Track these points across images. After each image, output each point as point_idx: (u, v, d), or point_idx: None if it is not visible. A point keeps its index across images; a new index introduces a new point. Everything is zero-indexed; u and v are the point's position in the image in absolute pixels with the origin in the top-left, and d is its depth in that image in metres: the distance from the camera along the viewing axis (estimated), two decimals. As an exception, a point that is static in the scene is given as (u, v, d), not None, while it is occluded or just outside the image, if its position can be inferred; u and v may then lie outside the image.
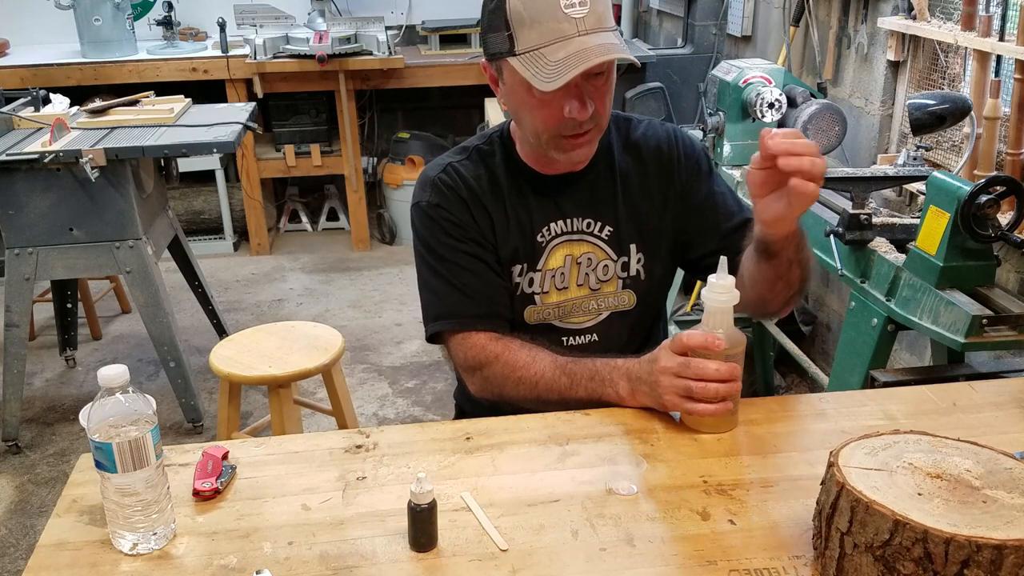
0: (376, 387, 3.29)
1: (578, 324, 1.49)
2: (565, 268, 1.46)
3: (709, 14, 3.71)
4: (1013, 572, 0.84)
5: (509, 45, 1.27)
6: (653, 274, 1.50)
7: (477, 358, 1.39)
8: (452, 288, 1.41)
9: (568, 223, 1.45)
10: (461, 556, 1.01)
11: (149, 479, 1.01)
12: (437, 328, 1.42)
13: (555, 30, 1.24)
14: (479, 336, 1.39)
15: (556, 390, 1.33)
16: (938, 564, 0.85)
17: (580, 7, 1.23)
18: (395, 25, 4.85)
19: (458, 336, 1.41)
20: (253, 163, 4.44)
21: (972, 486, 0.93)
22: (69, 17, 4.25)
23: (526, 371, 1.35)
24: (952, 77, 2.39)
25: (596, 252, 1.46)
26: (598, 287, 1.48)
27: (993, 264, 1.78)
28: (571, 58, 1.23)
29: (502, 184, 1.45)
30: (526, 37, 1.25)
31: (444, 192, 1.43)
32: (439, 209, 1.42)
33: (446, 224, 1.41)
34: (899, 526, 0.87)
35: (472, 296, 1.41)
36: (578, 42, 1.24)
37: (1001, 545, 0.83)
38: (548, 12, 1.23)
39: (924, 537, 0.86)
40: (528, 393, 1.35)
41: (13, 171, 2.61)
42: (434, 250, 1.42)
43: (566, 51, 1.23)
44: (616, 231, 1.46)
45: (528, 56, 1.26)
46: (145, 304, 2.85)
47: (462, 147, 1.50)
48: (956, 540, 0.84)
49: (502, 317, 1.43)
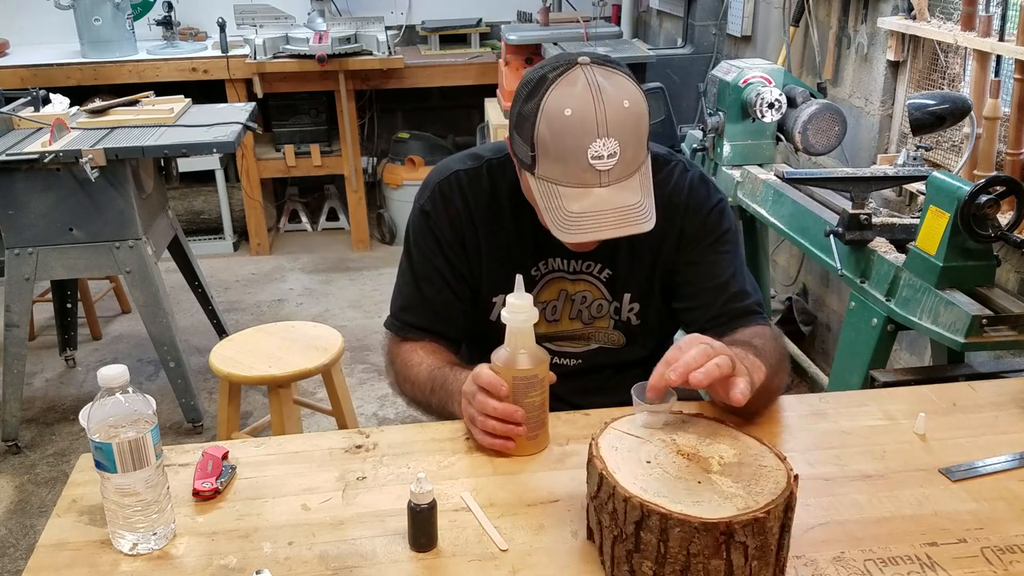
0: (376, 387, 3.29)
1: (566, 348, 1.50)
2: (558, 302, 1.45)
3: (709, 14, 3.71)
4: (683, 546, 0.89)
5: (531, 163, 1.22)
6: (647, 320, 1.47)
7: (389, 355, 1.47)
8: (412, 290, 1.46)
9: (567, 263, 1.43)
10: (461, 556, 1.01)
11: (149, 479, 1.01)
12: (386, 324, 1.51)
13: (577, 176, 1.18)
14: (406, 342, 1.46)
15: (424, 394, 1.37)
16: (619, 520, 0.92)
17: (608, 159, 1.16)
18: (395, 25, 4.84)
19: (390, 335, 1.49)
20: (253, 163, 4.44)
21: (709, 470, 0.97)
22: (69, 17, 4.24)
23: (413, 371, 1.40)
24: (952, 77, 2.39)
25: (592, 291, 1.45)
26: (590, 322, 1.47)
27: (993, 264, 1.78)
28: (586, 219, 1.18)
29: (504, 208, 1.42)
30: (547, 168, 1.20)
31: (437, 203, 1.43)
32: (428, 218, 1.43)
33: (427, 234, 1.43)
34: (603, 481, 0.95)
35: (422, 307, 1.45)
36: (596, 197, 1.18)
37: (667, 515, 0.88)
38: (574, 157, 1.17)
39: (614, 493, 0.93)
40: (411, 393, 1.41)
41: (13, 171, 2.61)
42: (411, 251, 1.47)
43: (581, 206, 1.18)
44: (613, 275, 1.44)
45: (545, 184, 1.21)
46: (145, 304, 2.85)
47: (475, 154, 1.46)
48: (631, 501, 0.90)
49: (440, 334, 1.46)
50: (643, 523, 0.90)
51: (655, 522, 0.89)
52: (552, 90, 1.18)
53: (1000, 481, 1.14)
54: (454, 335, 1.48)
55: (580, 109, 1.16)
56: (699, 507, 0.89)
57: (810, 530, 1.04)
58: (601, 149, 1.16)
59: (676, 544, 0.88)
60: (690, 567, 0.89)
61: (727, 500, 0.91)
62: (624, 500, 0.91)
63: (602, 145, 1.16)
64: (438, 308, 1.45)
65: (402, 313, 1.47)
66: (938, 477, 1.15)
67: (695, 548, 0.88)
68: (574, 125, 1.16)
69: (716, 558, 0.88)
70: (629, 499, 0.90)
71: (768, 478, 0.95)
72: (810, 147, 2.43)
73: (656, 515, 0.89)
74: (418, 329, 1.45)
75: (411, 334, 1.45)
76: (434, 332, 1.45)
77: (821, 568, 0.98)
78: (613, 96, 1.17)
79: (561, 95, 1.17)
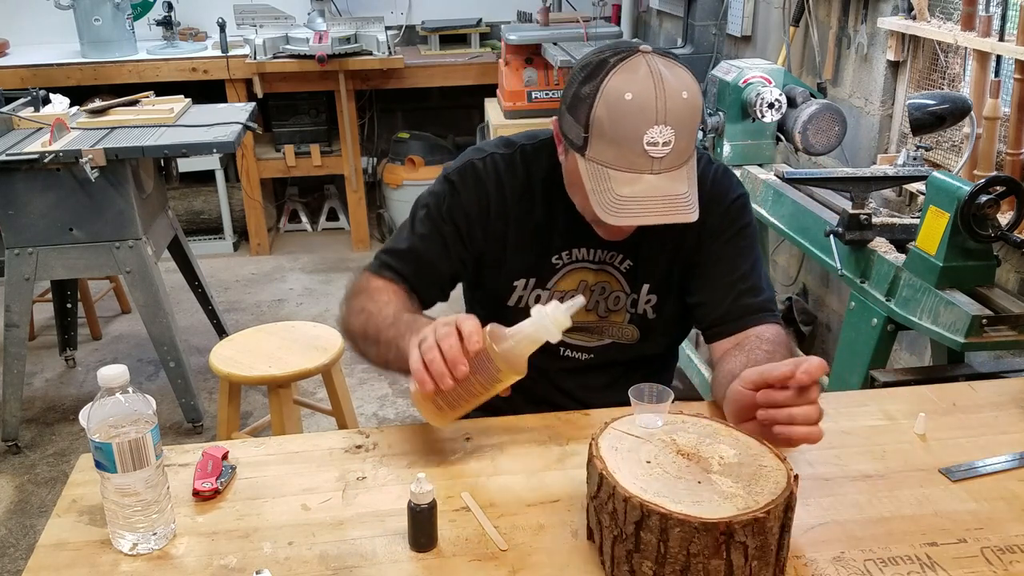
0: (376, 387, 3.29)
1: (578, 342, 1.48)
2: (577, 292, 1.44)
3: (709, 14, 3.71)
4: (683, 546, 0.88)
5: (582, 144, 1.21)
6: (664, 313, 1.47)
7: (355, 287, 1.43)
8: (405, 240, 1.44)
9: (591, 252, 1.43)
10: (461, 556, 1.01)
11: (149, 479, 1.01)
12: (365, 266, 1.47)
13: (630, 161, 1.18)
14: (379, 279, 1.43)
15: (376, 329, 1.31)
16: (619, 520, 0.92)
17: (663, 147, 1.17)
18: (395, 25, 4.84)
19: (366, 272, 1.45)
20: (253, 163, 4.44)
21: (709, 470, 0.97)
22: (69, 17, 4.24)
23: (376, 305, 1.35)
24: (952, 77, 2.39)
25: (611, 282, 1.45)
26: (606, 315, 1.47)
27: (993, 264, 1.78)
28: (634, 203, 1.18)
29: (536, 195, 1.42)
30: (599, 150, 1.20)
31: (467, 177, 1.42)
32: (452, 186, 1.42)
33: (446, 200, 1.42)
34: (603, 481, 0.95)
35: (410, 257, 1.43)
36: (646, 183, 1.18)
37: (667, 515, 0.88)
38: (629, 141, 1.17)
39: (614, 493, 0.92)
40: (362, 326, 1.35)
41: (13, 171, 2.61)
42: (417, 211, 1.45)
43: (631, 189, 1.18)
44: (634, 267, 1.44)
45: (595, 167, 1.21)
46: (145, 304, 2.85)
47: (508, 141, 1.46)
48: (631, 501, 0.90)
49: (415, 289, 1.43)
50: (643, 523, 0.90)
51: (655, 522, 0.89)
52: (613, 74, 1.18)
53: (1000, 481, 1.14)
54: (425, 299, 1.45)
55: (640, 94, 1.16)
56: (699, 507, 0.90)
57: (810, 530, 1.04)
58: (657, 136, 1.17)
59: (676, 544, 0.88)
60: (690, 567, 0.89)
61: (727, 500, 0.91)
62: (624, 500, 0.91)
63: (658, 132, 1.17)
64: (424, 265, 1.43)
65: (387, 255, 1.45)
66: (938, 477, 1.15)
67: (695, 548, 0.88)
68: (633, 109, 1.17)
69: (716, 558, 0.88)
70: (629, 499, 0.90)
71: (768, 478, 0.95)
72: (810, 147, 2.43)
73: (656, 515, 0.89)
74: (398, 274, 1.42)
75: (388, 275, 1.42)
76: (410, 285, 1.42)
77: (821, 568, 0.98)
78: (674, 85, 1.18)
79: (623, 79, 1.18)
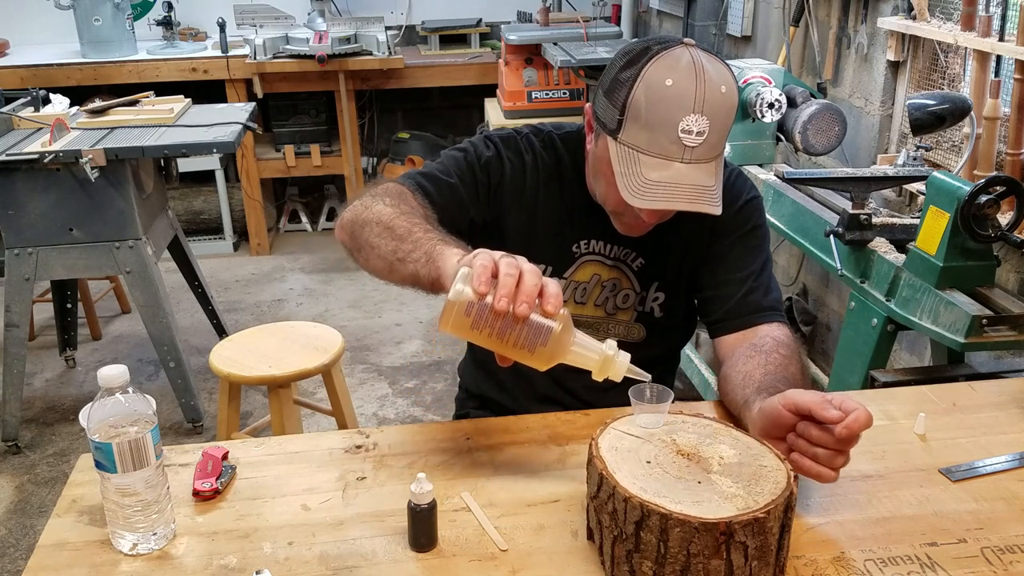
0: (376, 387, 3.29)
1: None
2: (589, 285, 1.45)
3: (709, 14, 3.71)
4: (683, 546, 0.89)
5: (615, 127, 1.22)
6: (672, 313, 1.47)
7: (378, 188, 1.33)
8: (439, 171, 1.38)
9: (607, 247, 1.43)
10: (461, 556, 1.01)
11: (149, 479, 1.01)
12: (404, 176, 1.40)
13: (662, 147, 1.19)
14: (406, 190, 1.34)
15: (397, 227, 1.21)
16: (619, 520, 0.92)
17: (696, 136, 1.18)
18: (395, 25, 4.84)
19: (395, 182, 1.37)
20: (253, 163, 4.44)
21: (709, 470, 0.97)
22: (69, 17, 4.25)
23: (402, 208, 1.26)
24: (952, 77, 2.39)
25: (622, 279, 1.45)
26: (614, 312, 1.47)
27: (993, 264, 1.78)
28: (661, 189, 1.19)
29: (564, 179, 1.43)
30: (633, 133, 1.21)
31: (511, 146, 1.42)
32: (496, 148, 1.41)
33: (487, 156, 1.40)
34: (603, 481, 0.95)
35: (443, 185, 1.36)
36: (675, 170, 1.19)
37: (667, 515, 0.88)
38: (664, 127, 1.18)
39: (613, 493, 0.92)
40: (375, 216, 1.25)
41: (13, 171, 2.61)
42: (464, 151, 1.42)
43: (660, 175, 1.19)
44: (646, 265, 1.44)
45: (626, 150, 1.22)
46: (145, 304, 2.85)
47: (537, 127, 1.46)
48: (631, 501, 0.90)
49: (441, 222, 1.31)
50: (643, 523, 0.90)
51: (655, 522, 0.89)
52: (656, 60, 1.20)
53: (1000, 481, 1.14)
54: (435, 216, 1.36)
55: (681, 82, 1.17)
56: (699, 507, 0.90)
57: (810, 530, 1.04)
58: (692, 125, 1.17)
59: (676, 544, 0.88)
60: (690, 567, 0.89)
61: (727, 500, 0.91)
62: (624, 500, 0.91)
63: (694, 121, 1.17)
64: (455, 203, 1.37)
65: (421, 176, 1.38)
66: (938, 477, 1.15)
67: (695, 548, 0.88)
68: (671, 96, 1.17)
69: (716, 558, 0.88)
70: (629, 499, 0.90)
71: (768, 478, 0.95)
72: (810, 147, 2.43)
73: (656, 515, 0.89)
74: (431, 201, 1.34)
75: (421, 198, 1.34)
76: (439, 216, 1.33)
77: (821, 568, 0.98)
78: (714, 78, 1.19)
79: (665, 66, 1.19)
